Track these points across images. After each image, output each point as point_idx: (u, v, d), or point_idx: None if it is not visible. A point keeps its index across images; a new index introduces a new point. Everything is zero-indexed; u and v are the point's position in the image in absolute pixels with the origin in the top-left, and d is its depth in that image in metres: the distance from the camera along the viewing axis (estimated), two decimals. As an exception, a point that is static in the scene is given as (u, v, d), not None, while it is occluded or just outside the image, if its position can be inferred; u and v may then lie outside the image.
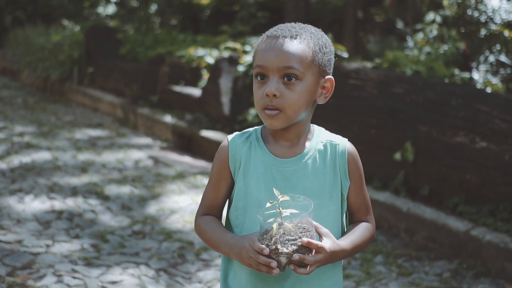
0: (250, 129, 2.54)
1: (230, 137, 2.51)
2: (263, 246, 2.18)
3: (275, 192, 2.22)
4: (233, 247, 2.31)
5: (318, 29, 2.44)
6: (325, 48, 2.40)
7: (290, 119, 2.35)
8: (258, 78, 2.36)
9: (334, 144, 2.48)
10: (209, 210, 2.52)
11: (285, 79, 2.32)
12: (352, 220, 2.55)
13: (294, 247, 2.17)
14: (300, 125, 2.43)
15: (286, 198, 2.21)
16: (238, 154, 2.45)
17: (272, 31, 2.39)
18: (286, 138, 2.44)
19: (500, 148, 5.36)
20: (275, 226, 2.18)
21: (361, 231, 2.48)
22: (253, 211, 2.39)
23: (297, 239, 2.17)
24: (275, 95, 2.31)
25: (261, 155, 2.43)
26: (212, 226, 2.45)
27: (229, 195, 2.50)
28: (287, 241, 2.17)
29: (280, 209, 2.20)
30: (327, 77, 2.43)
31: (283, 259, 2.18)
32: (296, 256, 2.17)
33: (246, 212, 2.43)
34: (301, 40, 2.35)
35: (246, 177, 2.43)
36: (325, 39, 2.42)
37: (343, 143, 2.49)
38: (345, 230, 2.52)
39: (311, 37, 2.37)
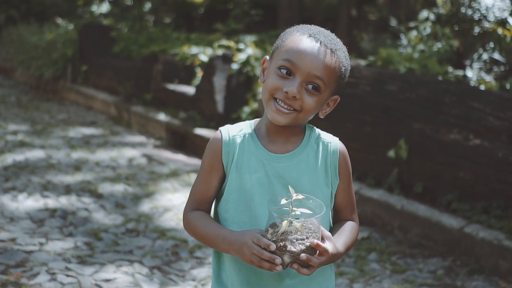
0: (243, 122, 2.52)
1: (222, 129, 2.48)
2: (270, 242, 2.16)
3: (290, 189, 2.21)
4: (233, 244, 2.29)
5: (345, 47, 2.46)
6: (347, 71, 2.44)
7: (296, 121, 2.36)
8: (283, 71, 2.33)
9: (326, 142, 2.49)
10: (199, 204, 2.49)
11: (309, 86, 2.32)
12: (338, 218, 2.55)
13: (302, 247, 2.16)
14: (298, 127, 2.45)
15: (300, 196, 2.20)
16: (231, 147, 2.43)
17: (314, 32, 2.37)
18: (280, 135, 2.44)
19: (493, 145, 5.37)
20: (285, 223, 2.16)
21: (349, 231, 2.49)
22: (247, 205, 2.39)
23: (304, 239, 2.17)
24: (294, 97, 2.31)
25: (254, 149, 2.42)
26: (205, 222, 2.43)
27: (219, 188, 2.48)
28: (295, 240, 2.16)
29: (292, 207, 2.19)
30: (335, 96, 2.47)
31: (287, 258, 2.17)
32: (303, 256, 2.16)
33: (239, 207, 2.41)
34: (337, 58, 2.36)
35: (239, 170, 2.41)
36: (349, 61, 2.46)
37: (335, 142, 2.50)
38: (330, 228, 2.52)
39: (343, 56, 2.39)
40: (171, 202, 6.31)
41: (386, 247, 5.39)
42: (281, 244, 2.15)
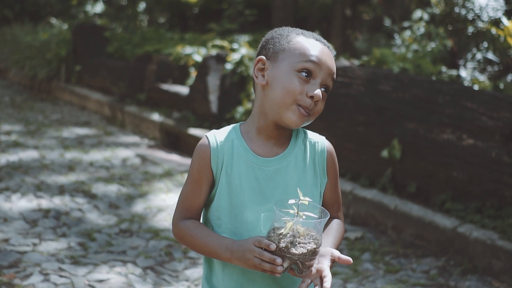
0: (228, 127, 2.50)
1: (209, 135, 2.45)
2: (270, 242, 2.15)
3: (299, 192, 2.21)
4: (235, 252, 2.27)
5: None
6: None
7: (306, 123, 2.38)
8: (304, 74, 2.33)
9: (313, 142, 2.48)
10: (190, 212, 2.46)
11: (323, 89, 2.36)
12: None
13: (303, 250, 2.14)
14: (290, 129, 2.45)
15: (307, 201, 2.20)
16: (220, 153, 2.41)
17: (316, 37, 2.42)
18: (273, 138, 2.43)
19: (486, 145, 5.37)
20: (289, 224, 2.15)
21: (337, 229, 2.50)
22: (238, 210, 2.38)
23: (306, 243, 2.16)
24: (317, 101, 2.33)
25: (243, 154, 2.41)
26: (203, 232, 2.40)
27: (209, 195, 2.45)
28: (297, 243, 2.15)
29: (298, 210, 2.18)
30: None
31: (287, 262, 2.17)
32: None
33: (231, 212, 2.40)
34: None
35: (230, 176, 2.39)
36: None
37: (322, 141, 2.50)
38: None
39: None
40: (165, 202, 6.30)
41: (379, 247, 5.39)
42: (283, 245, 2.15)
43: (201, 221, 2.50)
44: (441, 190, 5.61)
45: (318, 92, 2.31)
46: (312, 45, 2.37)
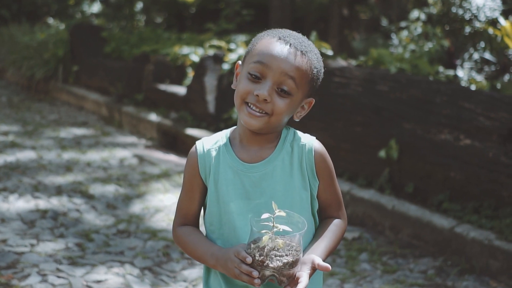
0: (220, 133, 2.51)
1: (198, 143, 2.48)
2: (247, 255, 2.16)
3: (273, 205, 2.20)
4: (219, 259, 2.29)
5: (317, 49, 2.44)
6: (321, 73, 2.41)
7: (269, 125, 2.34)
8: (253, 74, 2.31)
9: (301, 144, 2.43)
10: (186, 219, 2.49)
11: (279, 89, 2.30)
12: (324, 216, 2.51)
13: (279, 263, 2.15)
14: (272, 133, 2.43)
15: (283, 213, 2.19)
16: (207, 161, 2.43)
17: (284, 35, 2.35)
18: (254, 142, 2.42)
19: (484, 145, 5.38)
20: (265, 238, 2.16)
21: (333, 231, 2.45)
22: (227, 217, 2.39)
23: (283, 256, 2.16)
24: (265, 100, 2.28)
25: (229, 161, 2.41)
26: (195, 238, 2.43)
27: (203, 201, 2.48)
28: (273, 256, 2.16)
29: (274, 222, 2.18)
30: (310, 98, 2.43)
31: (266, 273, 2.17)
32: None
33: (221, 219, 2.42)
34: (308, 59, 2.34)
35: (217, 183, 2.41)
36: (322, 63, 2.43)
37: (310, 142, 2.44)
38: (317, 224, 2.51)
39: (315, 58, 2.37)
40: (162, 203, 6.30)
41: (377, 247, 5.39)
42: (259, 258, 2.16)
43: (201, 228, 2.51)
44: (438, 191, 5.62)
45: (263, 91, 2.27)
46: (268, 46, 2.34)
